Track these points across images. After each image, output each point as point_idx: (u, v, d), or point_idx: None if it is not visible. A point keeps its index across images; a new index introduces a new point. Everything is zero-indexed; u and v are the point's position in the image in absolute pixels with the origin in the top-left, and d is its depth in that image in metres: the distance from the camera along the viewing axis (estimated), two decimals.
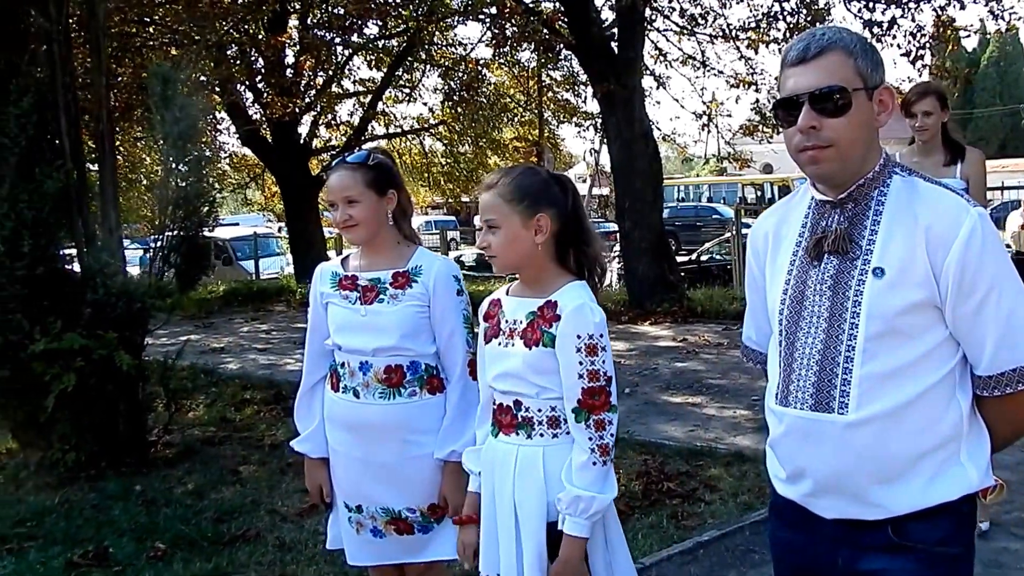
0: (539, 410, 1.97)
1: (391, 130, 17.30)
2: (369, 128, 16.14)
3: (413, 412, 2.41)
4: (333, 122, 15.94)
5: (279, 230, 23.50)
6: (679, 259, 13.61)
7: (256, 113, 14.61)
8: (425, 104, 17.33)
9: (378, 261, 2.45)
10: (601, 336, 1.94)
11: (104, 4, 5.58)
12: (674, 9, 13.49)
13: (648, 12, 12.09)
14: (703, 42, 14.16)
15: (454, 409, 2.42)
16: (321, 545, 3.84)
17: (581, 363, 1.90)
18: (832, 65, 1.52)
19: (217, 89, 12.89)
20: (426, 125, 17.34)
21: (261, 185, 19.44)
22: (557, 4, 12.54)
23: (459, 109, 16.17)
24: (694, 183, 32.52)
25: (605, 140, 13.31)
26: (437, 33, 14.58)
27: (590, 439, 1.90)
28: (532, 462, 1.96)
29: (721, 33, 13.63)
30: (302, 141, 15.21)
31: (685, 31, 13.98)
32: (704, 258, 14.97)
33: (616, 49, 11.33)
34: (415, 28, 12.74)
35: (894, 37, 10.75)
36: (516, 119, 17.43)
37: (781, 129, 1.61)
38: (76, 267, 5.22)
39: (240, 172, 18.07)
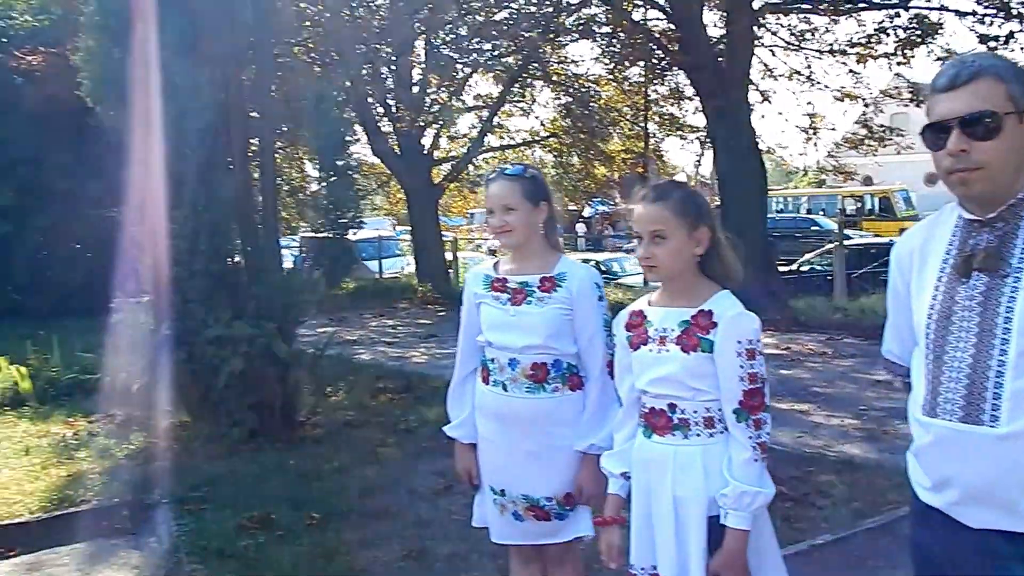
0: (695, 411, 2.01)
1: (505, 142, 17.50)
2: (485, 140, 16.38)
3: (555, 406, 2.50)
4: (453, 134, 16.29)
5: (400, 233, 24.12)
6: (779, 269, 13.28)
7: (386, 126, 15.06)
8: (537, 118, 17.47)
9: (527, 266, 2.55)
10: (758, 341, 2.00)
11: (271, 35, 5.91)
12: (783, 26, 13.24)
13: (757, 29, 11.89)
14: (810, 57, 13.81)
15: (593, 405, 2.49)
16: (455, 522, 4.02)
17: (741, 367, 1.95)
18: (982, 90, 1.51)
19: (352, 104, 13.40)
20: (537, 137, 17.47)
21: (387, 192, 20.03)
22: (668, 24, 12.49)
23: (570, 123, 16.24)
24: (793, 194, 31.49)
25: (711, 152, 13.14)
26: (552, 51, 14.69)
27: (750, 437, 1.95)
28: (691, 461, 2.01)
29: (829, 48, 13.27)
30: (425, 151, 15.59)
31: (791, 47, 13.66)
32: (805, 268, 14.55)
33: (724, 65, 11.18)
34: (531, 47, 12.89)
35: (1012, 51, 10.20)
36: (623, 132, 17.36)
37: (930, 151, 1.61)
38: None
39: (368, 179, 18.69)
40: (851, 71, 13.36)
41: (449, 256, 16.20)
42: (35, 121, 10.50)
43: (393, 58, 14.24)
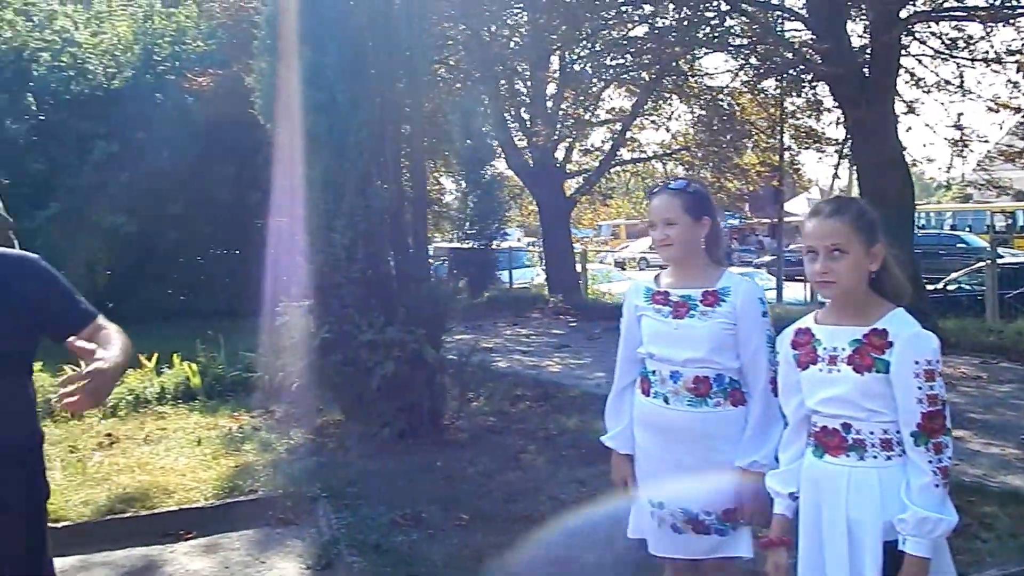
0: (871, 432, 1.93)
1: (637, 155, 17.35)
2: (617, 153, 16.30)
3: (717, 421, 2.45)
4: (586, 148, 16.29)
5: (528, 244, 24.35)
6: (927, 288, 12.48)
7: (519, 140, 15.26)
8: (668, 131, 17.21)
9: (689, 280, 2.51)
10: (937, 362, 1.89)
11: (424, 54, 6.09)
12: (933, 34, 12.48)
13: (904, 38, 11.27)
14: (962, 65, 12.94)
15: (756, 422, 2.42)
16: (599, 532, 3.99)
17: (920, 388, 1.86)
18: None
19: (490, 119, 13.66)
20: (669, 150, 17.23)
21: (519, 204, 20.28)
22: (808, 34, 12.05)
23: (703, 136, 15.92)
24: (936, 210, 29.61)
25: (853, 166, 12.55)
26: (685, 65, 14.45)
27: (930, 461, 1.85)
28: (867, 483, 1.92)
29: (983, 57, 12.40)
30: (558, 165, 15.68)
31: (941, 55, 12.84)
32: (952, 288, 13.61)
33: (869, 75, 10.65)
34: (666, 61, 12.72)
35: None
36: (758, 145, 16.86)
37: None
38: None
39: (502, 192, 19.01)
40: (1009, 81, 12.43)
41: (579, 268, 16.21)
42: (203, 137, 11.27)
43: (528, 74, 14.43)
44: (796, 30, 12.75)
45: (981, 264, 12.59)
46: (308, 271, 5.35)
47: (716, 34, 13.04)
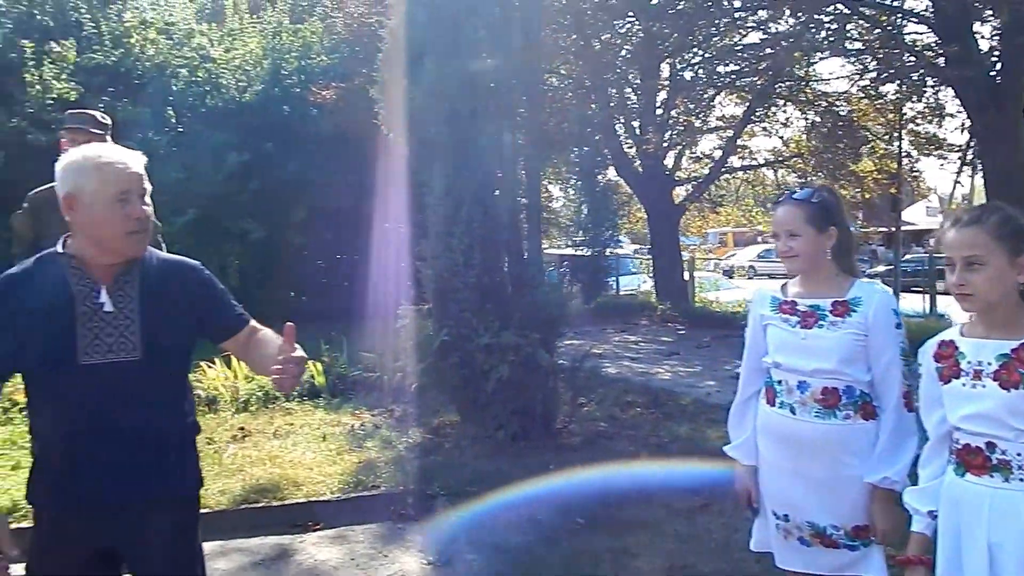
0: (1018, 454, 1.81)
1: (747, 162, 16.94)
2: (728, 161, 15.97)
3: (846, 434, 2.36)
4: (696, 155, 16.04)
5: (634, 251, 24.12)
6: None
7: (628, 147, 15.17)
8: (780, 137, 16.71)
9: (817, 290, 2.44)
10: None
11: (540, 64, 6.18)
12: None
13: None
14: None
15: (888, 437, 2.33)
16: (714, 541, 3.93)
17: None
18: None
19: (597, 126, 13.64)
20: (780, 158, 16.73)
21: (627, 211, 20.14)
22: (931, 36, 11.46)
23: (817, 142, 15.39)
24: None
25: (977, 173, 11.85)
26: (800, 70, 14.01)
27: None
28: (1012, 506, 1.81)
29: None
30: (667, 172, 15.50)
31: None
32: None
33: (999, 79, 10.04)
34: (779, 67, 12.37)
35: None
36: (875, 151, 16.14)
37: None
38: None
39: (614, 199, 18.90)
40: None
41: (686, 276, 15.96)
42: (326, 146, 11.75)
43: (639, 82, 14.33)
44: (918, 33, 12.16)
45: None
46: (427, 276, 5.50)
47: (833, 38, 12.59)
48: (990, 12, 10.47)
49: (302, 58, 12.36)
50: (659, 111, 15.01)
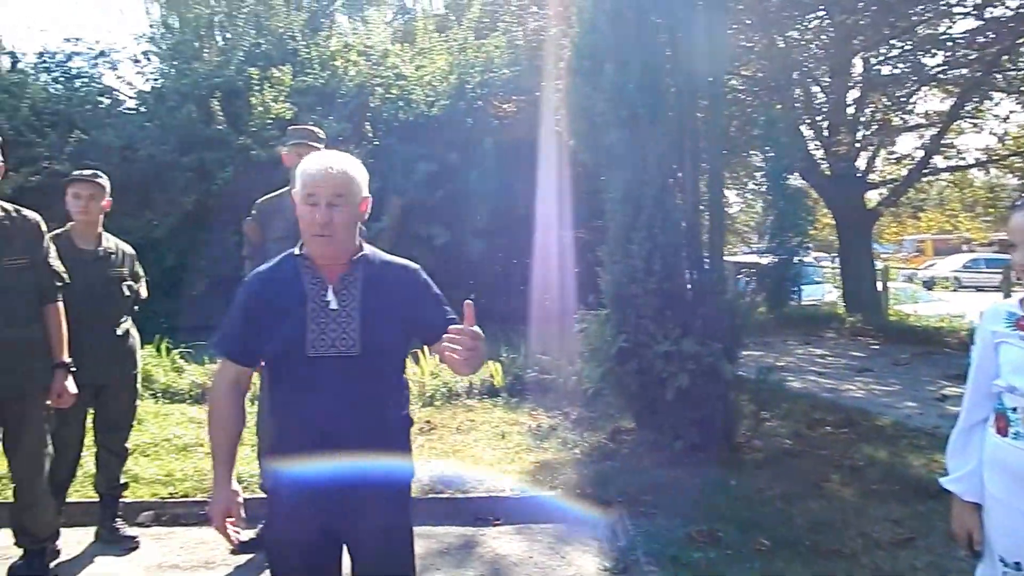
0: None
1: (954, 162, 15.29)
2: (930, 161, 14.53)
3: None
4: (895, 156, 14.76)
5: (818, 259, 22.68)
6: None
7: (816, 149, 14.27)
8: (993, 134, 14.98)
9: None
10: None
11: (724, 66, 5.92)
12: None
13: None
14: None
15: None
16: None
17: None
18: None
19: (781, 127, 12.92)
20: (994, 156, 14.98)
21: (812, 215, 18.92)
22: None
23: None
24: None
25: None
26: (1021, 59, 12.52)
27: None
28: None
29: None
30: (858, 175, 14.40)
31: None
32: None
33: None
34: (995, 55, 11.13)
35: None
36: None
37: None
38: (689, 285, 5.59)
39: (802, 204, 17.81)
40: None
41: (879, 286, 14.75)
42: (506, 156, 11.96)
43: (828, 79, 13.45)
44: None
45: None
46: (606, 281, 5.41)
47: None
48: None
49: (484, 72, 12.67)
50: (850, 109, 13.97)
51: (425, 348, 5.03)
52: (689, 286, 5.48)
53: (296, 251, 2.16)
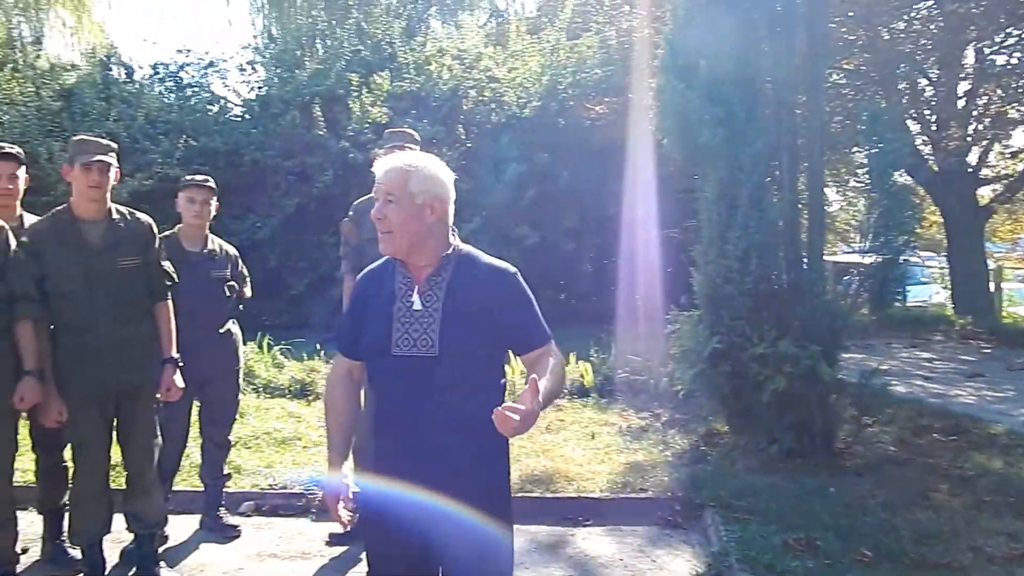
0: None
1: None
2: None
3: None
4: (1011, 149, 13.84)
5: (923, 259, 21.51)
6: None
7: (923, 144, 13.55)
8: None
9: None
10: None
11: (825, 60, 5.70)
12: None
13: None
14: None
15: None
16: None
17: None
18: None
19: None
20: None
21: (919, 213, 17.95)
22: None
23: None
24: None
25: None
26: None
27: None
28: None
29: None
30: (970, 170, 13.60)
31: None
32: None
33: None
34: None
35: None
36: None
37: None
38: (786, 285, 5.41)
39: (906, 200, 16.90)
40: None
41: (992, 287, 13.89)
42: (597, 156, 11.91)
43: (936, 72, 12.77)
44: None
45: None
46: (699, 282, 5.29)
47: None
48: None
49: (576, 72, 12.64)
50: (961, 102, 13.20)
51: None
52: (786, 286, 5.30)
53: None
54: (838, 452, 5.15)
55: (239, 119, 12.60)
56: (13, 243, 3.26)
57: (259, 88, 13.09)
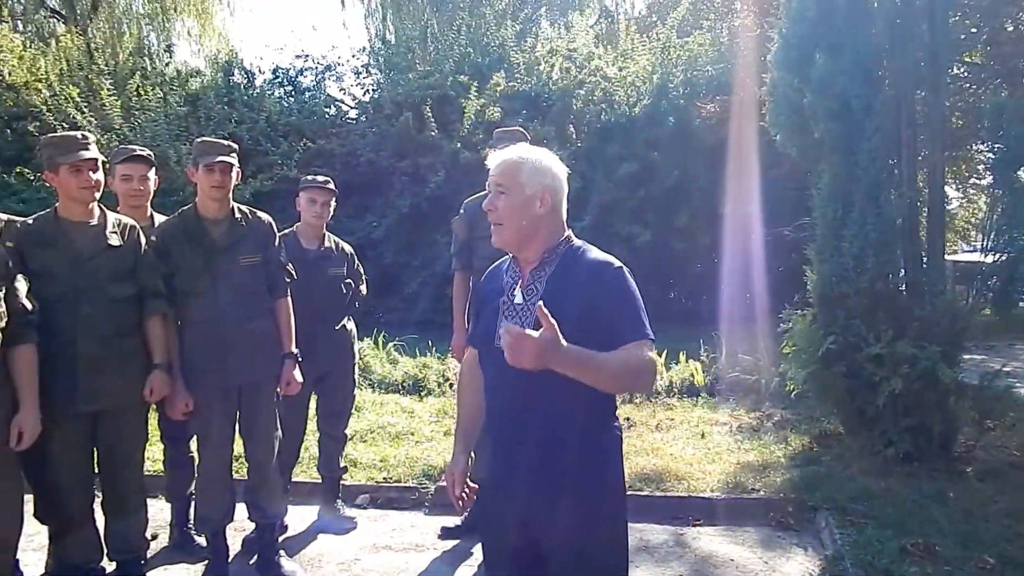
0: None
1: None
2: None
3: None
4: None
5: None
6: None
7: None
8: None
9: None
10: None
11: (946, 53, 5.47)
12: None
13: None
14: None
15: None
16: None
17: None
18: None
19: None
20: None
21: None
22: None
23: None
24: None
25: None
26: None
27: None
28: None
29: None
30: None
31: None
32: None
33: None
34: None
35: None
36: None
37: None
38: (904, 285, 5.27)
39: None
40: None
41: None
42: (707, 155, 11.77)
43: None
44: None
45: None
46: (813, 280, 5.22)
47: None
48: None
49: (687, 70, 12.50)
50: None
51: None
52: (904, 285, 5.15)
53: None
54: (957, 456, 4.96)
55: (354, 121, 13.11)
56: (144, 242, 3.39)
57: (373, 91, 13.57)
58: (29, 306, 2.99)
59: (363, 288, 4.58)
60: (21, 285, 3.00)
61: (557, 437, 2.03)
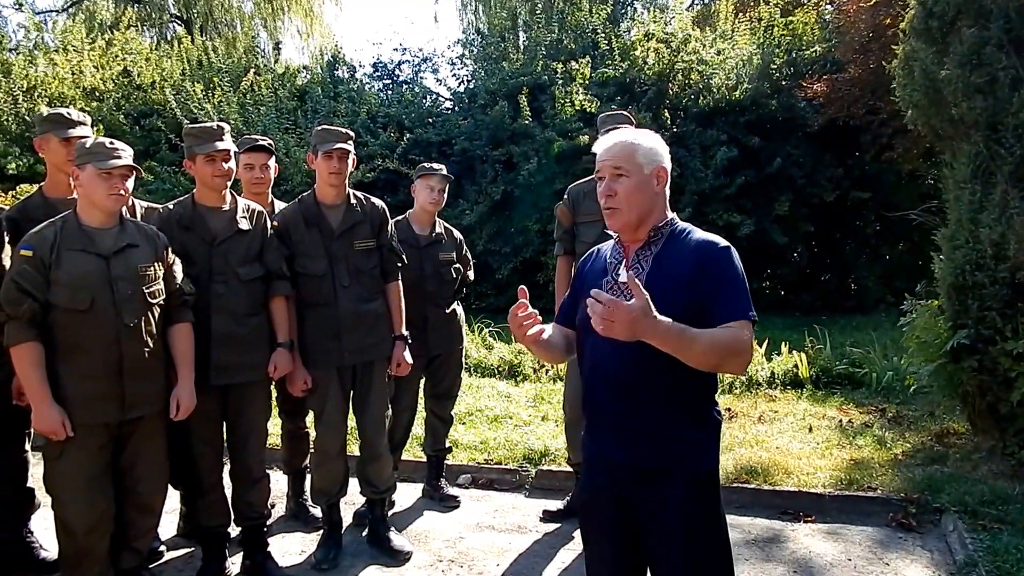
0: None
1: None
2: None
3: None
4: None
5: None
6: None
7: None
8: None
9: None
10: None
11: None
12: None
13: None
14: None
15: None
16: None
17: None
18: None
19: None
20: None
21: None
22: None
23: None
24: None
25: None
26: None
27: None
28: None
29: None
30: None
31: None
32: None
33: None
34: None
35: None
36: None
37: None
38: None
39: None
40: None
41: None
42: (812, 139, 11.23)
43: None
44: None
45: None
46: (943, 268, 4.82)
47: None
48: None
49: (791, 51, 11.96)
50: None
51: None
52: None
53: None
54: None
55: (449, 111, 13.23)
56: (269, 227, 3.53)
57: (467, 81, 13.65)
58: (187, 288, 3.19)
59: (471, 273, 4.64)
60: (178, 268, 3.18)
61: (657, 418, 2.01)
